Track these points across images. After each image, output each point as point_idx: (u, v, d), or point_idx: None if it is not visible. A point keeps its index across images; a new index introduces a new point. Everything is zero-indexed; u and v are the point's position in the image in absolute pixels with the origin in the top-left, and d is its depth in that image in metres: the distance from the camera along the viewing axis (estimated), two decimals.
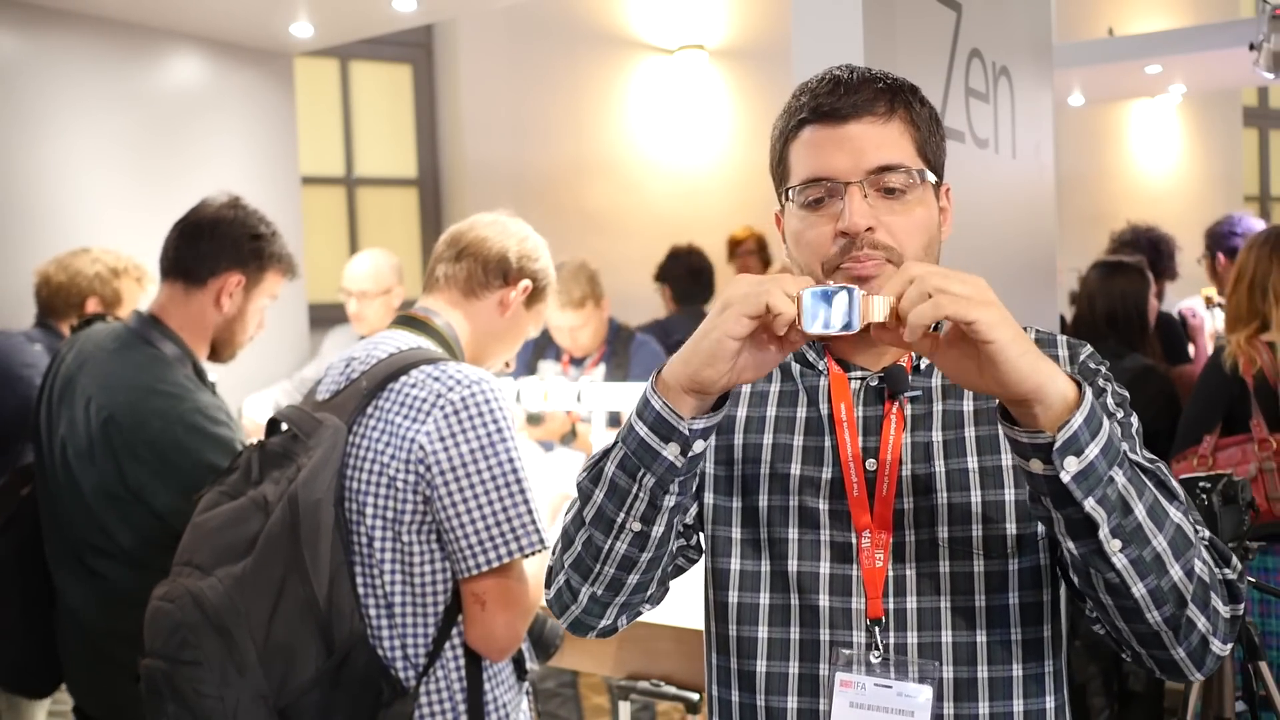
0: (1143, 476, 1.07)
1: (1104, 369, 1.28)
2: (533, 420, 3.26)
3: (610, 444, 1.18)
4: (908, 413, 1.26)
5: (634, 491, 1.14)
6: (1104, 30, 7.22)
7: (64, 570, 2.23)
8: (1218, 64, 5.72)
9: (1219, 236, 4.31)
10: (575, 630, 1.31)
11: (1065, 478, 1.01)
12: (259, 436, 1.89)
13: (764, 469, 1.29)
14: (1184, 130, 9.13)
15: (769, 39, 6.78)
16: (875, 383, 1.27)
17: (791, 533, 1.26)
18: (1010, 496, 1.22)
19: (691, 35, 6.73)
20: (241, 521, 1.74)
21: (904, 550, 1.23)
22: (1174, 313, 4.16)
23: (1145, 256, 3.85)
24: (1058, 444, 1.01)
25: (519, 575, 1.78)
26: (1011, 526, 1.22)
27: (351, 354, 1.91)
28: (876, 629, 1.22)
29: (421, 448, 1.74)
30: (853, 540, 1.24)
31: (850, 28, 1.94)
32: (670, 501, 1.15)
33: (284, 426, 1.85)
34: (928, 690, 1.20)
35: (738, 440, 1.31)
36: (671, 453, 1.10)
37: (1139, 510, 1.05)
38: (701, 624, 1.35)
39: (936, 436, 1.25)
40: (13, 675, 2.44)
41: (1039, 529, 1.22)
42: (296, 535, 1.69)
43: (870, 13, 1.95)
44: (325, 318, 4.76)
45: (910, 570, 1.22)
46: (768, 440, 1.30)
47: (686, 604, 1.66)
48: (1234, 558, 1.16)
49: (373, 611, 1.76)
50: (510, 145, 6.24)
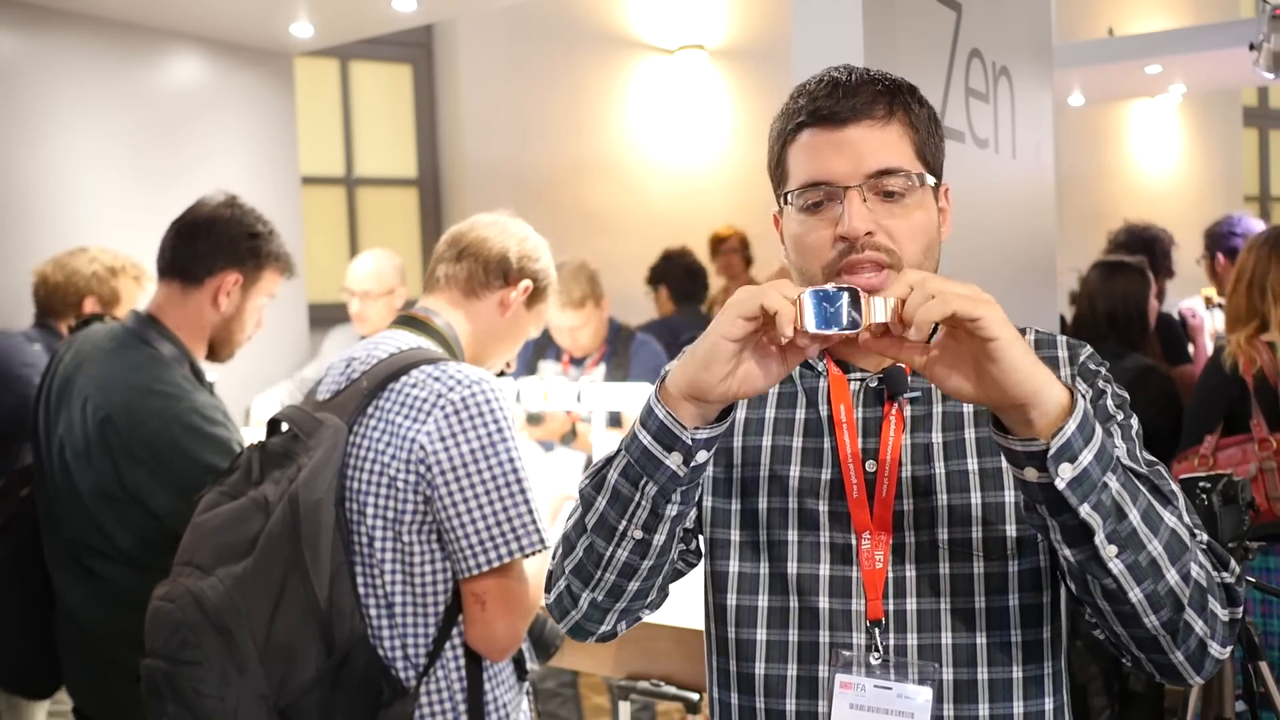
0: (1136, 481, 1.08)
1: (1104, 370, 1.28)
2: (533, 420, 3.26)
3: (614, 450, 1.18)
4: (907, 414, 1.26)
5: (636, 499, 1.14)
6: (1104, 30, 7.22)
7: (62, 571, 2.23)
8: (1218, 64, 5.72)
9: (1219, 237, 4.31)
10: (575, 635, 1.31)
11: (1060, 484, 1.02)
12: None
13: (763, 471, 1.29)
14: (1184, 130, 9.13)
15: (769, 39, 6.78)
16: (875, 384, 1.27)
17: (791, 535, 1.26)
18: (1010, 498, 1.22)
19: (691, 35, 6.74)
20: (242, 521, 1.74)
21: (904, 552, 1.23)
22: (1174, 313, 4.16)
23: (1144, 256, 3.85)
24: (1052, 450, 1.01)
25: (519, 575, 1.78)
26: (1011, 528, 1.22)
27: (352, 354, 1.91)
28: (876, 630, 1.22)
29: (422, 448, 1.74)
30: (852, 542, 1.24)
31: (850, 28, 1.94)
32: (672, 510, 1.15)
33: (284, 426, 1.85)
34: (927, 692, 1.20)
35: (737, 443, 1.31)
36: (674, 462, 1.10)
37: (1133, 515, 1.05)
38: (702, 624, 1.35)
39: (936, 438, 1.25)
40: (12, 676, 2.44)
41: None
42: (297, 535, 1.69)
43: (870, 13, 1.95)
44: (325, 318, 4.76)
45: (910, 572, 1.22)
46: (767, 442, 1.30)
47: (687, 604, 1.66)
48: (1232, 561, 1.16)
49: (373, 611, 1.76)
50: (510, 145, 6.24)
